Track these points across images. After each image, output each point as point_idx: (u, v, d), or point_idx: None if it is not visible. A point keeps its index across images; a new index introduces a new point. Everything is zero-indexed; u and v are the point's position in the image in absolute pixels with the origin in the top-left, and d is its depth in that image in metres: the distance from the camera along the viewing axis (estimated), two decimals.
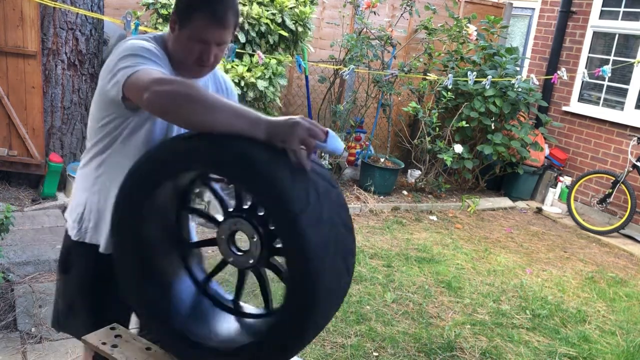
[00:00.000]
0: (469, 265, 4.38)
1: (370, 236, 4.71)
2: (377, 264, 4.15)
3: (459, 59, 6.17)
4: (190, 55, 1.47)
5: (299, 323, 1.20)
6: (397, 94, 6.06)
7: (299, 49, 5.09)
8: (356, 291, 3.67)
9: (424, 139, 5.83)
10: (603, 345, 3.41)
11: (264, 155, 1.17)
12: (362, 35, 5.58)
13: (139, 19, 4.42)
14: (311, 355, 2.90)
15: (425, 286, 3.88)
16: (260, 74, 4.43)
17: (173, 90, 1.22)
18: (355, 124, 6.01)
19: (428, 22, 5.99)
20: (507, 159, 6.02)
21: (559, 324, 3.61)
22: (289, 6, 4.65)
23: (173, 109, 1.22)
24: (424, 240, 4.78)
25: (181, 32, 1.46)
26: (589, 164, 6.29)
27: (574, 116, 6.46)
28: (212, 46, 1.46)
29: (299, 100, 6.03)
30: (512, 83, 5.79)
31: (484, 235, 5.19)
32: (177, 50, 1.49)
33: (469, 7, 6.84)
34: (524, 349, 3.24)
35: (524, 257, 4.75)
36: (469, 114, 5.84)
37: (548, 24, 6.82)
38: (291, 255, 1.17)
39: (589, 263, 4.82)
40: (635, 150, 5.75)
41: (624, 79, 6.06)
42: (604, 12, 6.26)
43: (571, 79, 6.30)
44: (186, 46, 1.46)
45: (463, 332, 3.33)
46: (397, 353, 3.03)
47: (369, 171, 5.74)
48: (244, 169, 1.17)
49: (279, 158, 1.17)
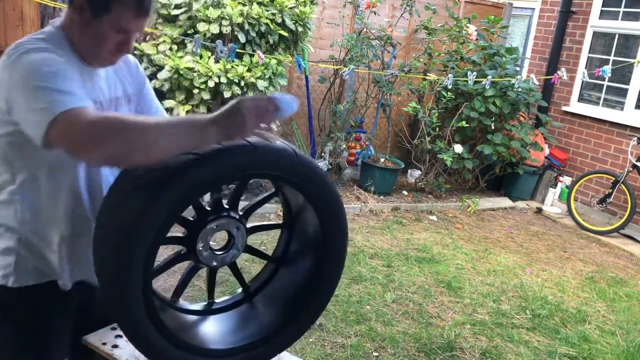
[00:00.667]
0: (469, 265, 4.38)
1: (370, 236, 4.71)
2: (377, 264, 4.15)
3: (459, 59, 6.17)
4: (107, 45, 1.32)
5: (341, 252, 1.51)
6: (397, 94, 6.06)
7: (299, 49, 5.09)
8: (356, 291, 3.67)
9: (424, 139, 5.83)
10: (603, 345, 3.41)
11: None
12: (362, 35, 5.58)
13: None
14: (311, 355, 2.90)
15: (425, 286, 3.88)
16: (260, 74, 4.43)
17: (107, 131, 1.12)
18: (355, 124, 6.01)
19: (428, 22, 5.99)
20: (507, 159, 6.02)
21: (559, 324, 3.61)
22: (289, 6, 4.65)
23: (114, 152, 1.11)
24: (424, 240, 4.78)
25: (96, 21, 1.29)
26: (589, 164, 6.29)
27: (574, 116, 6.46)
28: (133, 35, 1.35)
29: (299, 100, 6.02)
30: (512, 83, 5.79)
31: (484, 235, 5.19)
32: (89, 38, 1.32)
33: (469, 7, 6.83)
34: (524, 349, 3.24)
35: (524, 257, 4.75)
36: (469, 114, 5.84)
37: (548, 24, 6.82)
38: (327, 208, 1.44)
39: (589, 263, 4.82)
40: (635, 150, 5.75)
41: (624, 79, 6.05)
42: (604, 12, 6.26)
43: (571, 79, 6.30)
44: (102, 35, 1.31)
45: (463, 332, 3.33)
46: (397, 353, 3.03)
47: (369, 171, 5.74)
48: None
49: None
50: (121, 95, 1.49)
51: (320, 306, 1.55)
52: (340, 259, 1.51)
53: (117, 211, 1.22)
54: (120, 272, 1.20)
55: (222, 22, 4.36)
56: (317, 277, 1.50)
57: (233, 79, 4.32)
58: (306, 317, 1.53)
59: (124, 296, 1.22)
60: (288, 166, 1.31)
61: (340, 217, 1.45)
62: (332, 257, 1.49)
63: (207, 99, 4.34)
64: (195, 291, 3.25)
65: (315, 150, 5.73)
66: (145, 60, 4.50)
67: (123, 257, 1.19)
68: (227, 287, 3.28)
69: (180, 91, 4.40)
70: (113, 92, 1.46)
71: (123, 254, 1.19)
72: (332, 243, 1.47)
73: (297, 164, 1.32)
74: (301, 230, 1.56)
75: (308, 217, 1.49)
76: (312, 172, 1.36)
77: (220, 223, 1.36)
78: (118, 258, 1.20)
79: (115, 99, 1.46)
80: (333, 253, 1.48)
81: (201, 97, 4.35)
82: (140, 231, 1.18)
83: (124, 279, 1.20)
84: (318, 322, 3.21)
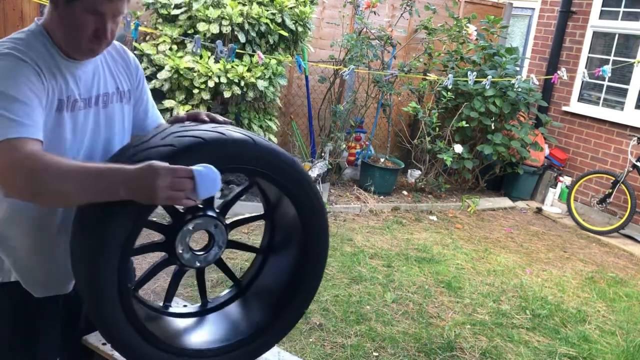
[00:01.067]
0: (469, 265, 4.38)
1: (370, 236, 4.71)
2: (377, 264, 4.15)
3: (459, 59, 6.17)
4: (84, 31, 1.29)
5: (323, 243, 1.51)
6: (397, 94, 6.06)
7: (299, 49, 5.09)
8: (356, 291, 3.67)
9: (424, 139, 5.83)
10: (603, 345, 3.41)
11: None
12: (362, 35, 5.58)
13: (138, 19, 4.43)
14: (311, 355, 2.90)
15: (425, 286, 3.88)
16: (260, 74, 4.43)
17: (27, 174, 1.13)
18: (355, 124, 6.01)
19: (428, 22, 5.99)
20: (507, 159, 6.02)
21: (559, 324, 3.60)
22: (289, 6, 4.65)
23: (28, 194, 1.15)
24: (424, 240, 4.78)
25: (69, 7, 1.27)
26: (589, 164, 6.29)
27: (574, 116, 6.46)
28: (109, 19, 1.30)
29: (299, 100, 6.03)
30: (512, 83, 5.79)
31: (484, 235, 5.19)
32: (67, 28, 1.30)
33: (469, 7, 6.83)
34: (524, 349, 3.24)
35: (524, 257, 4.75)
36: (469, 114, 5.84)
37: (548, 24, 6.82)
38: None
39: (589, 263, 4.82)
40: (635, 150, 5.75)
41: (624, 79, 6.05)
42: (604, 12, 6.26)
43: (571, 79, 6.30)
44: (78, 21, 1.28)
45: (463, 332, 3.33)
46: (397, 353, 3.03)
47: (369, 171, 5.74)
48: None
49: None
50: (113, 92, 1.46)
51: (310, 292, 1.54)
52: (321, 240, 1.50)
53: (83, 220, 1.24)
54: (92, 285, 1.23)
55: (222, 22, 4.36)
56: (301, 263, 1.49)
57: (233, 79, 4.32)
58: (296, 307, 1.53)
59: (99, 306, 1.24)
60: (248, 156, 1.29)
61: (313, 198, 1.43)
62: (312, 239, 1.47)
63: (207, 99, 4.34)
64: (195, 291, 3.25)
65: (315, 150, 5.73)
66: (145, 60, 4.50)
67: (92, 270, 1.21)
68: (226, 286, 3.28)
69: (180, 91, 4.40)
70: (103, 88, 1.43)
71: (92, 267, 1.21)
72: (310, 225, 1.45)
73: (257, 152, 1.29)
74: (281, 218, 1.56)
75: (284, 204, 1.48)
76: (274, 157, 1.34)
77: (197, 223, 1.35)
78: (88, 271, 1.22)
79: (105, 95, 1.43)
80: (313, 235, 1.47)
81: (201, 97, 4.35)
82: (105, 242, 1.19)
83: (97, 291, 1.23)
84: (318, 322, 3.21)
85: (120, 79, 1.48)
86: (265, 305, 1.54)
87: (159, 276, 3.40)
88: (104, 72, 1.44)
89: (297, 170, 1.39)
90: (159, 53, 4.42)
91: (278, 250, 1.60)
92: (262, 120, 4.84)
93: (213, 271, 3.45)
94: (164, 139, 1.24)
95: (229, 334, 1.49)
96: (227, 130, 1.28)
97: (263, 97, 4.66)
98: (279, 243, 1.60)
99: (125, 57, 1.52)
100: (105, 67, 1.45)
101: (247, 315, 1.55)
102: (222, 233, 1.39)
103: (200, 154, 1.21)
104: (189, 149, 1.20)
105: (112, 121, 1.45)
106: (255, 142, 1.29)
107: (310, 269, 1.51)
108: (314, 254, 1.50)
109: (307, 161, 5.54)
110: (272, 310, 1.52)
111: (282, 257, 1.58)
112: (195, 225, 1.35)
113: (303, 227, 1.45)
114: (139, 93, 1.56)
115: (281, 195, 1.46)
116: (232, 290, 1.63)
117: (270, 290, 1.56)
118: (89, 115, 1.39)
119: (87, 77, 1.39)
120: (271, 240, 1.62)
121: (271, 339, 1.51)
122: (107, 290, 1.22)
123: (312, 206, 1.43)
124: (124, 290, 1.25)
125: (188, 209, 1.36)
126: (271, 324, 1.50)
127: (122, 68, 1.50)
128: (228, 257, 3.69)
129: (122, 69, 1.50)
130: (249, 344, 1.47)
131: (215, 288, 3.37)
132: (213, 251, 1.40)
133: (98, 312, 1.25)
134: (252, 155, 1.29)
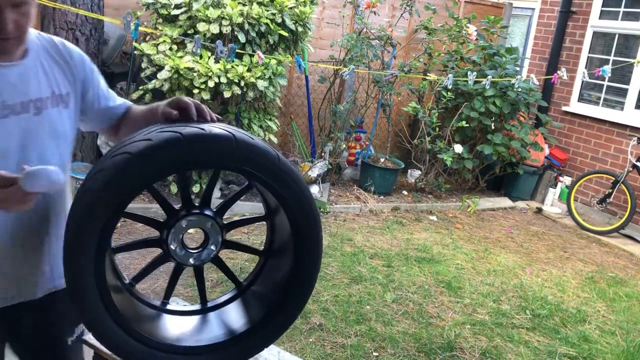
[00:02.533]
0: (469, 265, 4.38)
1: (370, 236, 4.71)
2: (377, 264, 4.15)
3: (459, 59, 6.17)
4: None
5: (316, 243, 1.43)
6: (397, 94, 6.06)
7: (299, 49, 5.09)
8: (356, 291, 3.67)
9: (424, 139, 5.83)
10: (603, 345, 3.41)
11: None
12: (362, 35, 5.58)
13: (138, 19, 4.43)
14: (311, 355, 2.90)
15: (425, 286, 3.88)
16: (260, 74, 4.43)
17: None
18: (355, 124, 6.01)
19: (428, 22, 5.99)
20: (507, 159, 6.02)
21: (559, 324, 3.61)
22: (289, 6, 4.65)
23: None
24: (424, 240, 4.79)
25: None
26: (589, 164, 6.29)
27: (574, 116, 6.46)
28: (7, 10, 1.18)
29: (299, 100, 6.03)
30: (512, 83, 5.79)
31: (484, 235, 5.19)
32: None
33: (469, 7, 6.83)
34: (524, 349, 3.24)
35: (524, 257, 4.75)
36: (469, 114, 5.84)
37: (548, 24, 6.82)
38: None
39: (589, 263, 4.82)
40: (635, 150, 5.75)
41: (623, 79, 6.06)
42: (604, 12, 6.26)
43: (571, 79, 6.30)
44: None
45: (463, 332, 3.33)
46: (397, 353, 3.03)
47: (369, 171, 5.74)
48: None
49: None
50: (48, 96, 1.35)
51: (306, 292, 1.50)
52: (313, 234, 1.42)
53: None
54: (75, 279, 1.22)
55: (222, 22, 4.36)
56: (296, 264, 1.45)
57: (233, 79, 4.32)
58: (291, 307, 1.50)
59: (83, 302, 1.24)
60: (226, 153, 1.24)
61: (301, 196, 1.36)
62: (302, 238, 1.41)
63: (207, 99, 4.34)
64: (195, 291, 3.25)
65: (315, 150, 5.73)
66: (145, 60, 4.50)
67: (74, 269, 1.21)
68: (227, 287, 3.29)
69: (180, 91, 4.40)
70: (34, 93, 1.31)
71: (73, 267, 1.21)
72: (300, 224, 1.39)
73: (237, 149, 1.24)
74: (279, 220, 1.54)
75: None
76: (256, 154, 1.27)
77: (190, 220, 1.34)
78: (70, 269, 1.22)
79: (38, 100, 1.32)
80: (303, 234, 1.40)
81: (201, 97, 4.35)
82: (82, 238, 1.19)
83: (80, 283, 1.22)
84: (318, 322, 3.21)
85: (57, 82, 1.37)
86: (258, 308, 1.54)
87: (159, 276, 3.41)
88: (37, 76, 1.33)
89: (283, 168, 1.32)
90: (159, 53, 4.42)
91: (276, 253, 1.59)
92: (262, 120, 4.85)
93: (213, 271, 3.45)
94: (146, 134, 1.24)
95: (221, 333, 1.48)
96: (207, 125, 1.26)
97: (263, 97, 4.66)
98: (278, 246, 1.59)
99: (64, 55, 1.40)
100: (39, 70, 1.34)
101: (241, 316, 1.55)
102: (216, 232, 1.38)
103: (180, 149, 1.18)
104: (167, 143, 1.18)
105: (45, 127, 1.35)
106: (236, 138, 1.24)
107: (300, 274, 1.46)
108: (305, 258, 1.43)
109: (307, 161, 5.54)
110: (263, 313, 1.50)
111: (278, 260, 1.57)
112: (188, 223, 1.34)
113: (292, 226, 1.39)
114: (94, 87, 1.48)
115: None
116: (231, 290, 1.63)
117: (264, 293, 1.56)
118: (18, 122, 1.29)
119: (12, 82, 1.28)
120: (271, 242, 1.61)
121: (261, 342, 1.50)
122: (87, 287, 1.22)
123: (300, 204, 1.37)
124: (103, 287, 1.24)
125: (184, 206, 1.36)
126: (262, 326, 1.48)
127: (59, 69, 1.38)
128: (228, 257, 3.69)
129: (60, 69, 1.39)
130: (238, 345, 1.46)
131: (215, 288, 3.37)
132: (207, 250, 1.39)
133: (79, 308, 1.25)
134: (234, 152, 1.24)
